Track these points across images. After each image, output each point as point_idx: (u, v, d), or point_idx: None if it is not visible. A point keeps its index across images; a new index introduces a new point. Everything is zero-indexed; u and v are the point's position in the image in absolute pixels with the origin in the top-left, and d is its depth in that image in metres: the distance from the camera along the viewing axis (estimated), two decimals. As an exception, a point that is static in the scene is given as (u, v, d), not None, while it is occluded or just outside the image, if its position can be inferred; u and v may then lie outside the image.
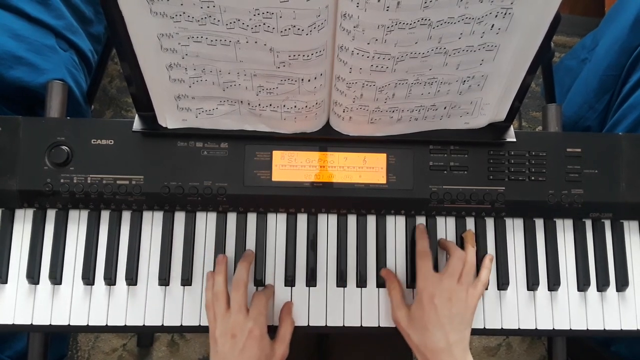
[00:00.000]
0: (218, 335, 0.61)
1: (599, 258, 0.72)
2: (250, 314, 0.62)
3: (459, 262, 0.65)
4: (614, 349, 0.92)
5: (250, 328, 0.61)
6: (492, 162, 0.70)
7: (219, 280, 0.64)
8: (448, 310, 0.61)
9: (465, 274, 0.64)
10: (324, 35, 0.53)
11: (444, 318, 0.61)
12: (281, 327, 0.66)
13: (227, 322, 0.61)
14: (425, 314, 0.62)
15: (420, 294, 0.64)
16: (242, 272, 0.65)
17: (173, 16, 0.51)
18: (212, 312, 0.63)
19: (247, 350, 0.60)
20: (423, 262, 0.66)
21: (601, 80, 0.99)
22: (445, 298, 0.62)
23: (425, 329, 0.61)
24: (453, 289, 0.63)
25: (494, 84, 0.61)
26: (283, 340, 0.65)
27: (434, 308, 0.61)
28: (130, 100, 0.92)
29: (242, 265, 0.65)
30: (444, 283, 0.63)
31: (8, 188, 0.66)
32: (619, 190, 0.70)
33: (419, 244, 0.68)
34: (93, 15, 0.94)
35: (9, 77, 0.76)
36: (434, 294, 0.62)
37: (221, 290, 0.64)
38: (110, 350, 1.31)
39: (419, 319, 0.62)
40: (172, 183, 0.67)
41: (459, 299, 0.62)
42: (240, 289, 0.63)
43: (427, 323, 0.61)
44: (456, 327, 0.61)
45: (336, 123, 0.67)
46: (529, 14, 0.53)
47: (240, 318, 0.61)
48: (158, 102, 0.62)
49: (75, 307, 0.67)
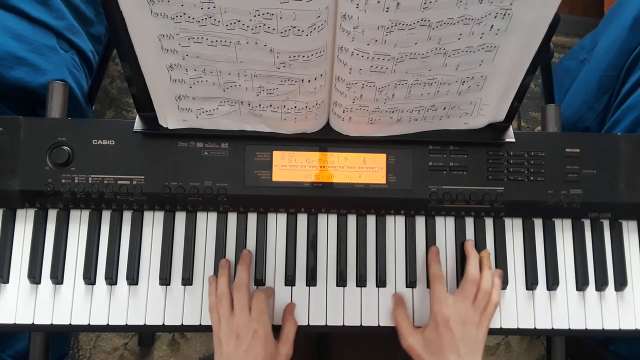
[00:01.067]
0: (222, 335, 0.62)
1: (597, 258, 0.72)
2: (252, 314, 0.63)
3: (472, 287, 0.65)
4: (613, 349, 0.92)
5: (254, 328, 0.62)
6: (492, 162, 0.70)
7: (222, 283, 0.65)
8: (462, 333, 0.61)
9: (480, 298, 0.64)
10: (324, 36, 0.53)
11: (459, 342, 0.61)
12: (284, 327, 0.66)
13: (232, 324, 0.62)
14: (440, 337, 0.62)
15: (435, 317, 0.64)
16: (243, 275, 0.66)
17: (173, 17, 0.51)
18: (216, 314, 0.64)
19: (251, 350, 0.61)
20: (437, 286, 0.66)
21: (600, 80, 0.99)
22: (459, 322, 0.62)
23: (441, 353, 0.61)
24: (467, 313, 0.63)
25: (493, 84, 0.62)
26: (287, 340, 0.65)
27: (449, 332, 0.62)
28: (131, 101, 0.92)
29: (242, 267, 0.66)
30: (458, 307, 0.63)
31: (9, 188, 0.66)
32: (617, 190, 0.71)
33: (432, 267, 0.68)
34: (94, 15, 0.94)
35: (10, 77, 0.76)
36: (448, 318, 0.62)
37: (225, 292, 0.64)
38: (111, 350, 1.32)
39: (434, 342, 0.62)
40: (172, 183, 0.67)
41: (472, 322, 0.63)
42: (242, 290, 0.64)
43: (442, 347, 0.61)
44: (470, 350, 0.61)
45: (336, 123, 0.67)
46: (528, 15, 0.53)
47: (244, 319, 0.62)
48: (159, 102, 0.63)
49: (76, 307, 0.68)
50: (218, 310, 0.64)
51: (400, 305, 0.68)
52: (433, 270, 0.68)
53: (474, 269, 0.66)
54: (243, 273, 0.66)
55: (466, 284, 0.65)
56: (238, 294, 0.64)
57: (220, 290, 0.65)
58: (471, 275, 0.65)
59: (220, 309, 0.63)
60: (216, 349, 0.63)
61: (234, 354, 0.60)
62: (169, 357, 1.32)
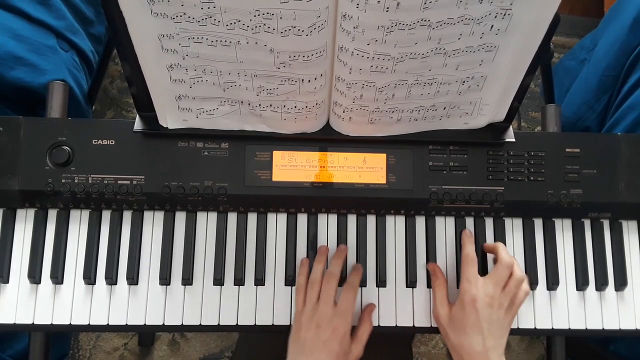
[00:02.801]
0: (303, 320, 0.64)
1: (597, 258, 0.72)
2: (337, 309, 0.64)
3: (506, 271, 0.64)
4: (613, 349, 0.92)
5: (335, 324, 0.63)
6: (492, 162, 0.70)
7: (317, 269, 0.67)
8: (488, 315, 0.61)
9: (512, 284, 0.64)
10: (324, 36, 0.53)
11: (484, 323, 0.61)
12: (360, 327, 0.67)
13: (315, 311, 0.64)
14: (466, 316, 0.62)
15: (462, 295, 0.64)
16: (337, 267, 0.67)
17: (174, 17, 0.51)
18: (302, 296, 0.66)
19: (329, 344, 0.62)
20: (469, 267, 0.65)
21: (600, 80, 0.99)
22: (487, 303, 0.62)
23: (464, 331, 0.62)
24: (496, 296, 0.63)
25: (493, 84, 0.62)
26: (360, 341, 0.66)
27: (474, 312, 0.62)
28: (131, 101, 0.92)
29: (336, 260, 0.68)
30: (488, 289, 0.63)
31: (9, 188, 0.66)
32: (617, 190, 0.71)
33: (466, 247, 0.68)
34: (94, 15, 0.94)
35: (10, 77, 0.76)
36: (476, 298, 0.62)
37: (317, 279, 0.66)
38: (111, 350, 1.32)
39: (459, 320, 0.63)
40: (172, 183, 0.67)
41: (500, 306, 0.62)
42: (332, 282, 0.66)
43: (466, 325, 0.62)
44: (494, 333, 0.61)
45: (336, 123, 0.67)
46: (528, 15, 0.53)
47: (328, 310, 0.64)
48: (159, 102, 0.63)
49: (76, 307, 0.68)
50: (306, 293, 0.65)
51: (440, 276, 0.69)
52: (467, 251, 0.67)
53: (507, 255, 0.66)
54: (337, 266, 0.67)
55: (499, 269, 0.64)
56: (327, 284, 0.65)
57: (314, 276, 0.66)
58: (505, 260, 0.65)
59: (309, 293, 0.65)
60: (295, 329, 0.65)
61: (311, 342, 0.62)
62: (169, 357, 1.32)
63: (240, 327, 0.69)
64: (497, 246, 0.68)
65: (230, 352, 1.32)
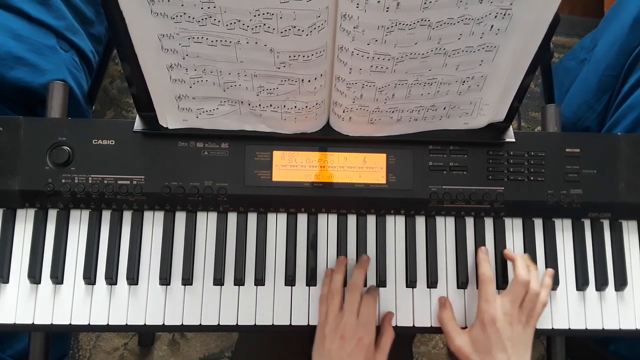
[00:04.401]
0: (327, 332, 0.64)
1: (597, 258, 0.72)
2: (360, 320, 0.64)
3: (522, 288, 0.64)
4: (613, 349, 0.92)
5: (360, 336, 0.63)
6: (492, 162, 0.70)
7: (337, 279, 0.67)
8: (510, 333, 0.62)
9: (528, 300, 0.64)
10: (324, 36, 0.53)
11: (507, 342, 0.61)
12: (382, 337, 0.67)
13: (339, 322, 0.64)
14: (487, 337, 0.62)
15: (482, 315, 0.64)
16: (359, 278, 0.67)
17: (174, 17, 0.51)
18: (325, 307, 0.66)
19: (353, 355, 0.62)
20: (486, 286, 0.66)
21: (600, 80, 0.99)
22: (507, 322, 0.62)
23: (489, 353, 0.62)
24: (514, 314, 0.63)
25: (493, 84, 0.62)
26: (384, 351, 0.66)
27: (495, 331, 0.62)
28: (131, 101, 0.92)
29: (359, 270, 0.67)
30: (506, 307, 0.63)
31: (9, 188, 0.66)
32: (617, 190, 0.71)
33: (482, 266, 0.68)
34: (94, 15, 0.94)
35: (10, 77, 0.76)
36: (495, 318, 0.62)
37: (338, 289, 0.66)
38: (111, 350, 1.32)
39: (481, 342, 0.63)
40: (172, 183, 0.67)
41: (519, 322, 0.63)
42: (355, 292, 0.65)
43: (490, 347, 0.62)
44: (517, 351, 0.62)
45: (336, 123, 0.67)
46: (528, 15, 0.53)
47: (352, 321, 0.64)
48: (159, 102, 0.63)
49: (76, 307, 0.68)
50: (328, 304, 0.65)
51: (447, 308, 0.69)
52: (483, 270, 0.67)
53: (524, 270, 0.66)
54: (360, 276, 0.67)
55: (515, 285, 0.65)
56: (352, 295, 0.65)
57: (334, 286, 0.66)
58: (521, 277, 0.65)
59: (330, 304, 0.65)
60: (318, 340, 0.65)
61: (335, 353, 0.62)
62: (169, 357, 1.32)
63: (240, 327, 0.69)
64: (515, 259, 0.67)
65: (230, 352, 1.32)
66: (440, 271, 0.71)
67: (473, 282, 0.71)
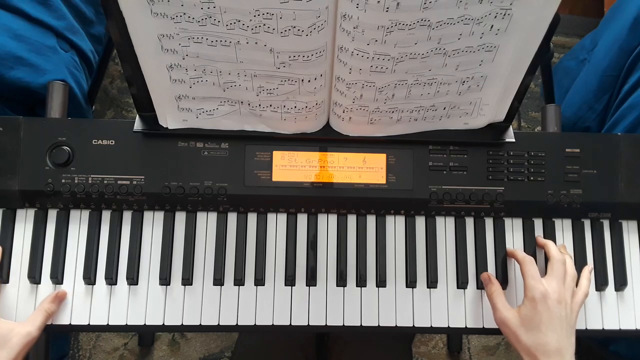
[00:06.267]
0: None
1: (597, 258, 0.72)
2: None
3: (561, 266, 0.64)
4: (613, 349, 0.92)
5: None
6: (492, 162, 0.70)
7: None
8: (559, 312, 0.61)
9: (569, 279, 0.64)
10: (323, 36, 0.53)
11: (556, 320, 0.61)
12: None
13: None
14: (538, 314, 0.61)
15: (532, 292, 0.63)
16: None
17: (173, 17, 0.51)
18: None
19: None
20: (530, 265, 0.65)
21: (600, 80, 0.99)
22: (555, 299, 0.62)
23: (539, 330, 0.61)
24: (561, 291, 0.63)
25: (493, 84, 0.62)
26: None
27: (547, 308, 0.61)
28: (131, 101, 0.92)
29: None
30: (553, 284, 0.63)
31: (9, 188, 0.66)
32: (617, 190, 0.71)
33: (517, 254, 0.68)
34: (94, 15, 0.94)
35: (10, 77, 0.76)
36: (546, 294, 0.62)
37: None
38: (111, 350, 1.31)
39: (530, 319, 0.62)
40: (172, 183, 0.67)
41: (566, 301, 0.62)
42: None
43: (539, 324, 0.61)
44: (566, 332, 0.61)
45: (336, 123, 0.67)
46: (528, 15, 0.53)
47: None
48: (159, 102, 0.63)
49: (76, 307, 0.68)
50: None
51: (493, 282, 0.68)
52: (521, 255, 0.67)
53: (557, 251, 0.66)
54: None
55: (554, 264, 0.65)
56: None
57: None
58: (556, 256, 0.65)
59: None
60: None
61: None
62: (169, 357, 1.32)
63: (240, 327, 0.69)
64: (547, 244, 0.68)
65: (230, 352, 1.32)
66: (440, 271, 0.71)
67: (473, 282, 0.71)
